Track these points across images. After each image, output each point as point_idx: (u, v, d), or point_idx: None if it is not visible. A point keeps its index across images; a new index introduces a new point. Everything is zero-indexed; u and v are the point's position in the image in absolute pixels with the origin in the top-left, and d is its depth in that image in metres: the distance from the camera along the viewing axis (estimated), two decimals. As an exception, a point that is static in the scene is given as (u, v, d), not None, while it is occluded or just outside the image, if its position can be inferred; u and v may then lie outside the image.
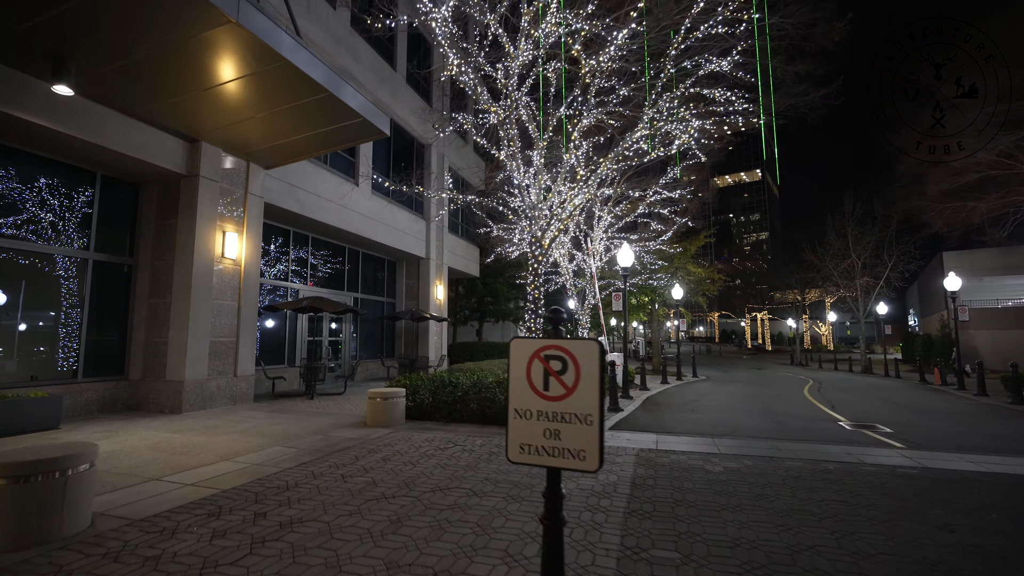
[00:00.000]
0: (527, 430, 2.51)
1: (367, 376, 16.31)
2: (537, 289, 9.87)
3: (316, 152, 10.35)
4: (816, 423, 9.17)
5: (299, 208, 12.10)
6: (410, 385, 8.84)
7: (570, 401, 2.45)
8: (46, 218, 8.28)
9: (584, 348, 2.48)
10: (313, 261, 14.45)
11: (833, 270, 29.84)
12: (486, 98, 9.34)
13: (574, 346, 2.48)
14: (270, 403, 10.30)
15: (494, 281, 26.14)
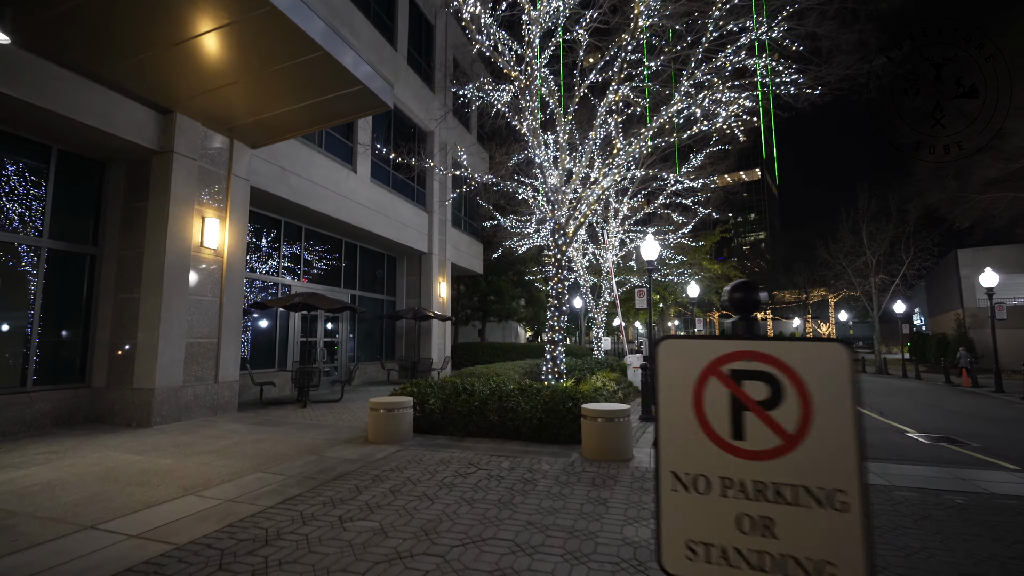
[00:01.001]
0: (701, 513, 1.33)
1: (366, 380, 15.10)
2: (561, 283, 8.70)
3: (308, 128, 9.15)
4: (883, 435, 8.04)
5: (291, 194, 10.88)
6: (418, 393, 7.65)
7: (794, 461, 1.28)
8: (-10, 198, 7.05)
9: (816, 358, 1.30)
10: (307, 255, 13.23)
11: (847, 267, 28.82)
12: (507, 59, 8.14)
13: (796, 354, 1.31)
14: (257, 413, 9.08)
15: (498, 279, 24.94)
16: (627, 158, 8.11)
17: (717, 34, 8.25)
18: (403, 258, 17.49)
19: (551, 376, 8.68)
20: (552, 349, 8.70)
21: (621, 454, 5.94)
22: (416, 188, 16.85)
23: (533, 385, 7.56)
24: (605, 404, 6.40)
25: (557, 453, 6.19)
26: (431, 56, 17.87)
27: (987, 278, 16.25)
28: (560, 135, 8.96)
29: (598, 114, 9.13)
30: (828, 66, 8.65)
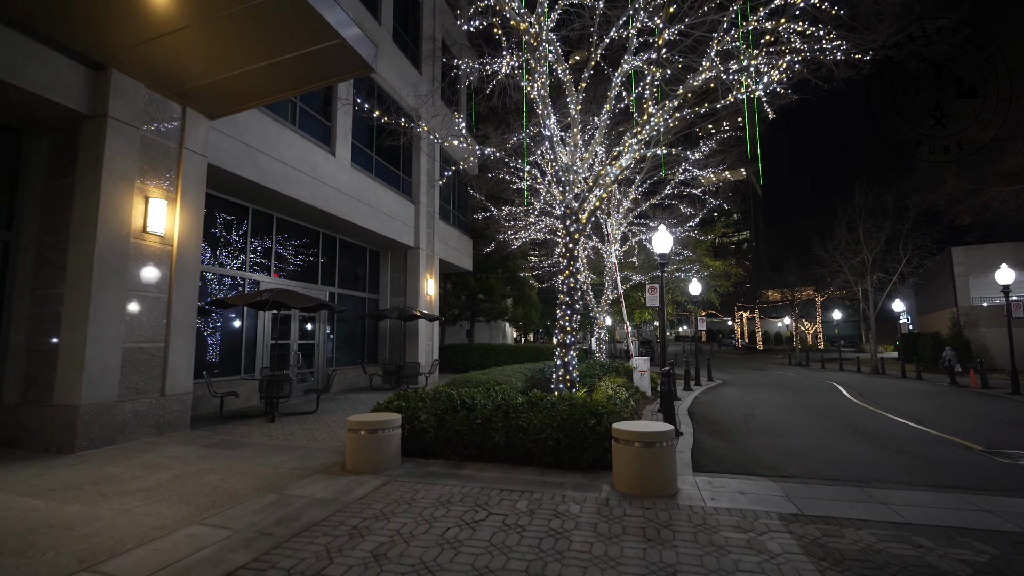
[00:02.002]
0: None
1: (346, 386, 13.71)
2: (573, 277, 7.50)
3: (276, 95, 7.79)
4: (942, 450, 7.02)
5: (258, 176, 9.48)
6: (407, 407, 6.38)
7: None
8: None
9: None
10: (279, 248, 11.80)
11: (843, 265, 28.22)
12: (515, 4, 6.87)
13: None
14: (214, 430, 7.68)
15: (487, 276, 23.68)
16: (654, 127, 6.93)
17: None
18: (387, 253, 16.12)
19: (562, 385, 7.48)
20: (563, 353, 7.51)
21: (665, 487, 4.76)
22: (402, 176, 15.51)
23: (545, 397, 6.34)
24: (641, 424, 5.21)
25: (582, 485, 4.99)
26: (418, 35, 16.53)
27: (1003, 275, 15.58)
28: (572, 106, 7.77)
29: (612, 85, 7.96)
30: (870, 32, 7.61)
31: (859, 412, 11.02)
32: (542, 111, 7.17)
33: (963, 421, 9.78)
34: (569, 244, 7.50)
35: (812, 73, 7.77)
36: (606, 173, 7.28)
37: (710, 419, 9.84)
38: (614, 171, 7.30)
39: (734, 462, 6.20)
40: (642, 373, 12.74)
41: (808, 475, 5.55)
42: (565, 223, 7.51)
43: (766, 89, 7.17)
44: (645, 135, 6.91)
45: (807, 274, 37.71)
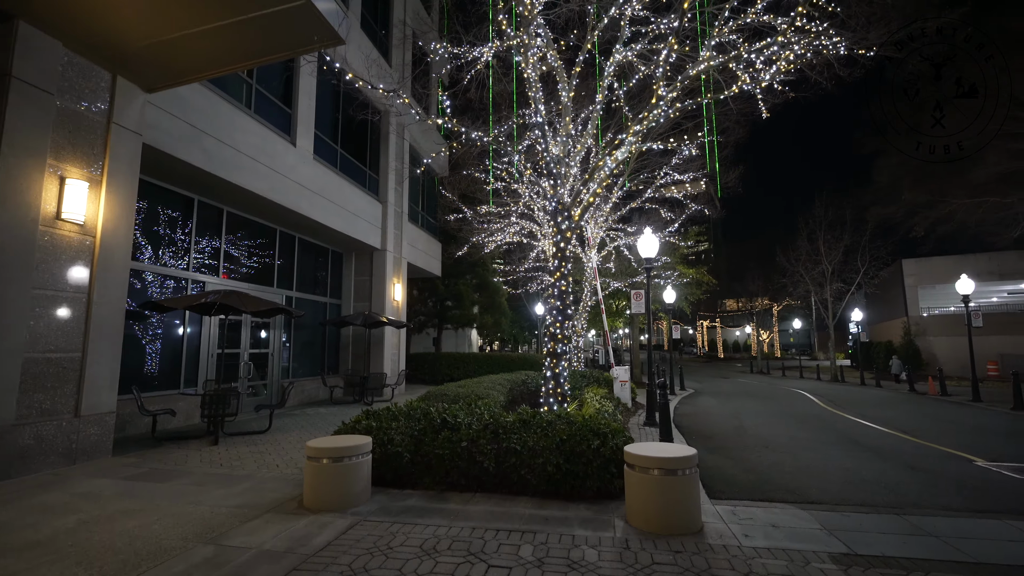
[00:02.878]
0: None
1: (303, 400, 12.49)
2: (564, 279, 6.79)
3: (229, 65, 6.76)
4: (948, 465, 6.69)
5: (206, 163, 8.33)
6: (378, 428, 5.46)
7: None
8: None
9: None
10: (230, 247, 10.57)
11: (805, 275, 28.94)
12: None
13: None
14: (142, 456, 6.49)
15: (456, 282, 22.76)
16: (655, 117, 6.35)
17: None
18: (351, 255, 15.01)
19: (552, 399, 6.73)
20: (554, 364, 6.77)
21: (689, 523, 4.07)
22: (368, 173, 14.49)
23: (538, 415, 5.57)
24: (657, 447, 4.51)
25: (591, 521, 4.24)
26: (388, 25, 15.63)
27: (963, 285, 16.02)
28: (564, 94, 7.11)
29: (605, 74, 7.37)
30: (864, 32, 7.34)
31: (844, 423, 10.80)
32: (534, 95, 6.48)
33: (948, 431, 9.65)
34: (560, 243, 6.80)
35: (811, 69, 7.43)
36: (604, 165, 6.64)
37: (701, 432, 9.32)
38: (610, 163, 6.68)
39: (748, 484, 5.60)
40: (623, 384, 12.18)
41: (834, 500, 5.00)
42: (556, 219, 6.81)
43: (773, 79, 6.74)
44: (652, 119, 6.32)
45: (769, 284, 38.61)
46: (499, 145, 11.73)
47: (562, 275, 6.80)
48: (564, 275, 6.81)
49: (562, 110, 7.14)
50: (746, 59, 6.92)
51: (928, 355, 30.35)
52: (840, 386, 23.33)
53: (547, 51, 7.21)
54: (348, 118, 13.66)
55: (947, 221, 18.08)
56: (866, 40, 7.23)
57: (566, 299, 6.81)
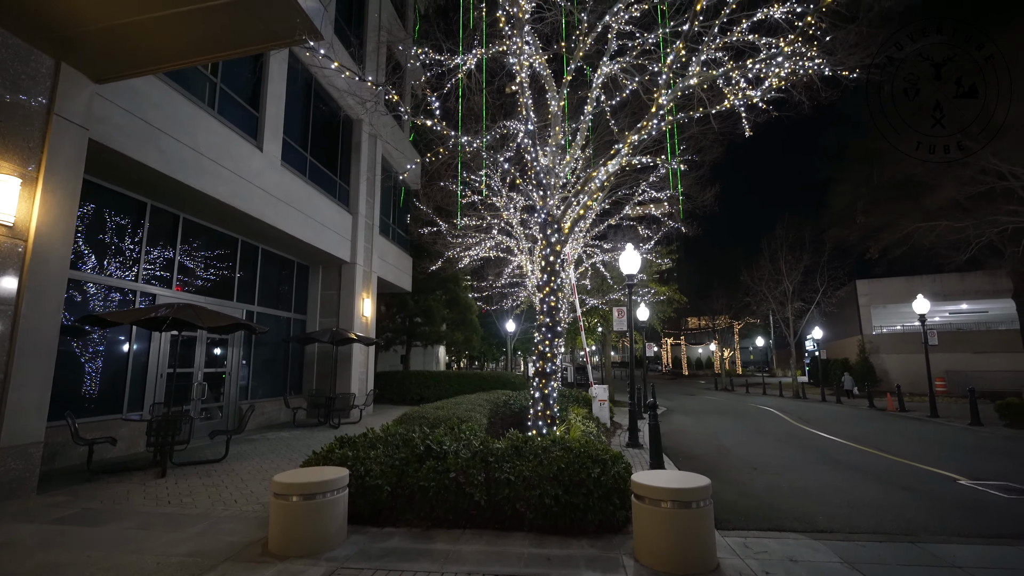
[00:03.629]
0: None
1: (264, 423, 11.58)
2: (554, 294, 6.46)
3: (191, 57, 6.19)
4: (935, 485, 6.65)
5: (163, 164, 7.62)
6: (354, 457, 4.90)
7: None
8: None
9: None
10: (185, 259, 9.74)
11: (768, 294, 29.81)
12: None
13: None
14: (74, 493, 5.65)
15: (427, 298, 22.12)
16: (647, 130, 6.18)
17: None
18: (318, 268, 14.26)
19: (541, 421, 6.33)
20: (542, 384, 6.38)
21: (705, 561, 3.73)
22: (339, 183, 13.89)
23: (530, 440, 5.16)
24: (667, 477, 4.18)
25: (598, 560, 3.84)
26: (362, 32, 15.25)
27: (919, 304, 16.70)
28: (553, 103, 6.89)
29: (593, 86, 7.22)
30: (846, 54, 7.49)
31: (820, 441, 10.83)
32: (524, 101, 6.21)
33: (920, 448, 9.79)
34: (550, 257, 6.49)
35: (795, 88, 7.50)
36: (597, 175, 6.41)
37: (684, 453, 9.09)
38: (601, 176, 6.46)
39: (751, 511, 5.33)
40: (602, 403, 11.89)
41: (844, 527, 4.78)
42: (545, 232, 6.51)
43: (765, 95, 6.71)
44: (649, 128, 6.13)
45: (732, 302, 39.66)
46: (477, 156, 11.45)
47: (551, 290, 6.47)
48: (553, 290, 6.48)
49: (551, 120, 6.91)
50: (738, 75, 6.89)
51: (881, 372, 31.68)
52: (803, 403, 23.88)
53: (536, 59, 6.99)
54: (319, 125, 13.10)
55: (903, 244, 18.96)
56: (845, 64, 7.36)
57: (555, 315, 6.47)
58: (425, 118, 6.61)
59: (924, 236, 17.44)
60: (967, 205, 16.27)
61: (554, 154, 6.82)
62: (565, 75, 6.98)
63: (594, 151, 10.03)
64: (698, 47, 6.79)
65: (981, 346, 30.67)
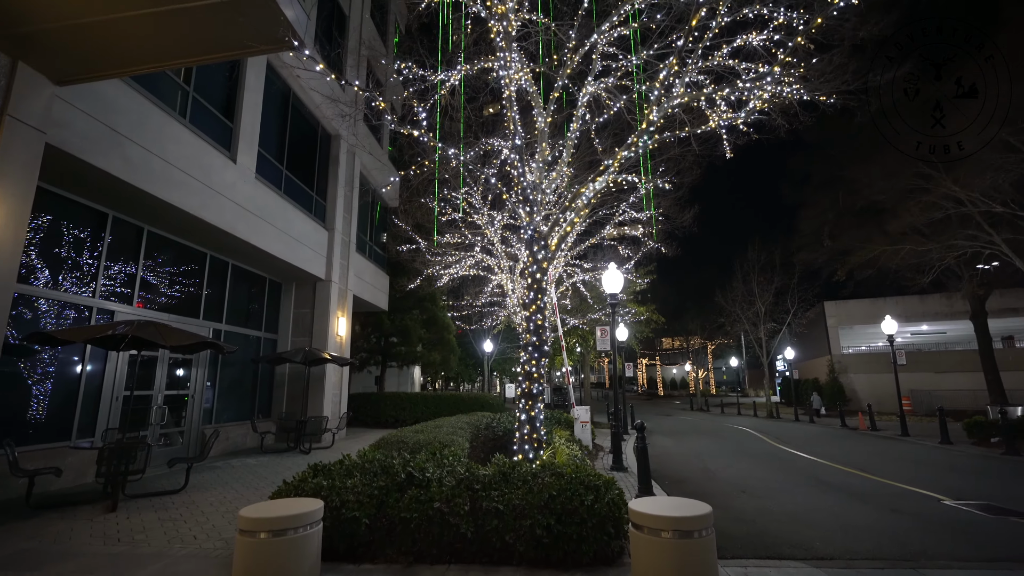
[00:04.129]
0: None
1: (229, 449, 10.90)
2: (540, 312, 6.28)
3: (163, 61, 5.89)
4: (917, 504, 6.64)
5: (128, 173, 7.21)
6: (329, 487, 4.54)
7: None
8: None
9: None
10: (148, 274, 9.21)
11: (742, 314, 30.38)
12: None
13: None
14: (10, 530, 5.06)
15: (403, 317, 21.65)
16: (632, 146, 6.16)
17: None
18: (291, 285, 13.76)
19: (528, 445, 6.06)
20: (528, 406, 6.14)
21: (709, 595, 3.51)
22: (315, 198, 13.54)
23: (519, 466, 4.89)
24: (666, 504, 3.97)
25: (596, 597, 3.57)
26: (343, 48, 15.12)
27: (888, 325, 17.19)
28: (540, 119, 6.83)
29: (578, 105, 7.22)
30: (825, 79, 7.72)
31: (803, 462, 10.83)
32: (511, 115, 6.12)
33: (899, 467, 9.87)
34: (537, 274, 6.33)
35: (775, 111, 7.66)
36: (585, 191, 6.32)
37: (669, 476, 8.91)
38: (589, 192, 6.39)
39: (746, 538, 5.15)
40: (583, 424, 11.66)
41: (841, 553, 4.63)
42: (532, 248, 6.36)
43: (749, 116, 6.81)
44: (640, 144, 6.11)
45: (706, 322, 40.28)
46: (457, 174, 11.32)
47: (538, 308, 6.29)
48: (540, 308, 6.30)
49: (538, 136, 6.84)
50: (721, 97, 6.99)
51: (850, 391, 32.43)
52: (778, 423, 24.11)
53: (523, 73, 6.95)
54: (296, 138, 12.79)
55: (871, 267, 19.60)
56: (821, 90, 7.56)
57: (542, 334, 6.28)
58: (412, 128, 6.44)
59: (890, 259, 18.08)
60: (926, 232, 16.98)
61: (540, 170, 6.73)
62: (553, 91, 6.95)
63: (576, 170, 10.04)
64: (683, 68, 6.86)
65: (942, 366, 31.78)
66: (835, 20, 6.61)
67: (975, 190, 13.72)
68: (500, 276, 13.82)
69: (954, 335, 37.58)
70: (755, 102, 6.59)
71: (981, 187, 13.41)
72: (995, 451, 12.10)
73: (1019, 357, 30.63)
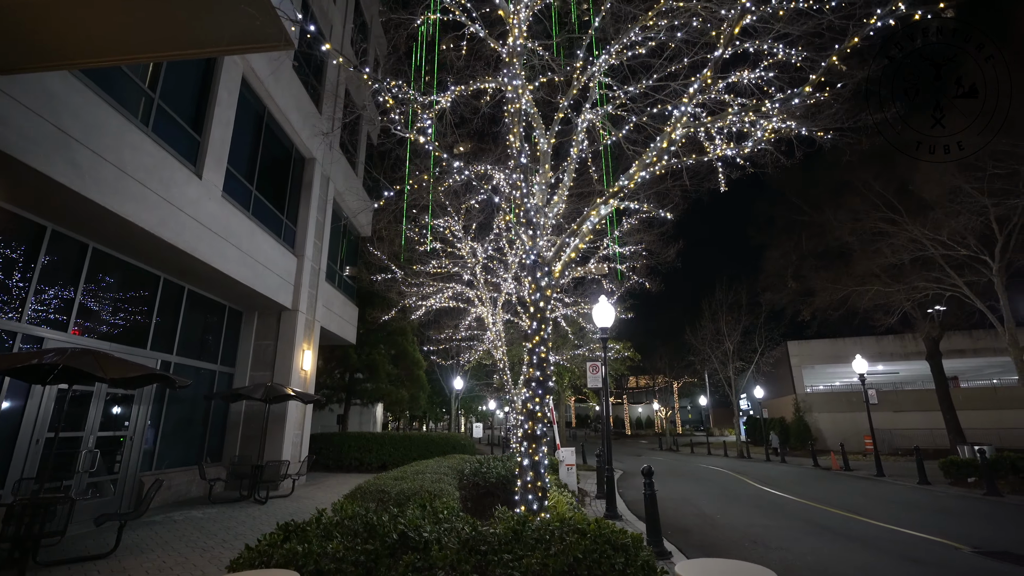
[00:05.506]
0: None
1: (171, 499, 9.52)
2: (544, 344, 5.71)
3: (129, 54, 5.22)
4: (941, 554, 6.25)
5: (76, 181, 6.34)
6: (305, 554, 3.70)
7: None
8: None
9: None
10: (90, 297, 8.13)
11: (711, 353, 30.65)
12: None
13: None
14: None
15: (371, 351, 20.54)
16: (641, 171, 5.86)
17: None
18: (253, 314, 12.67)
19: (531, 495, 5.34)
20: (532, 450, 5.46)
21: None
22: (285, 222, 12.71)
23: (531, 522, 4.19)
24: (716, 566, 3.37)
25: None
26: (321, 72, 14.73)
27: (858, 364, 17.47)
28: (543, 140, 6.48)
29: (578, 130, 6.97)
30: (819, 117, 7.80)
31: (798, 506, 10.42)
32: (517, 130, 5.74)
33: (897, 511, 9.59)
34: (540, 303, 5.79)
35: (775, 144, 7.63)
36: (596, 212, 5.93)
37: (669, 524, 8.27)
38: (594, 218, 6.01)
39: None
40: (569, 468, 10.94)
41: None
42: (535, 274, 5.85)
43: (754, 148, 6.68)
44: (660, 164, 5.81)
45: (674, 361, 40.49)
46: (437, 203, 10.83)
47: (541, 340, 5.72)
48: (544, 339, 5.74)
49: (540, 157, 6.48)
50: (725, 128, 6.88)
51: (815, 430, 32.83)
52: (751, 463, 23.89)
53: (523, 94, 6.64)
54: (269, 159, 12.07)
55: (839, 307, 20.13)
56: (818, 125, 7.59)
57: (546, 368, 5.69)
58: (418, 134, 5.96)
59: (858, 299, 18.60)
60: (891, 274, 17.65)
61: (543, 192, 6.33)
62: (558, 112, 6.65)
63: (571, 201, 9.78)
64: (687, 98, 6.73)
65: (899, 405, 32.75)
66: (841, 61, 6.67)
67: (943, 232, 14.32)
68: (480, 309, 13.22)
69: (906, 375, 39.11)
70: (762, 132, 6.47)
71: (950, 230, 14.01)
72: (975, 491, 12.09)
73: (970, 396, 31.99)
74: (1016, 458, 12.55)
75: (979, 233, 13.94)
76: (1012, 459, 12.54)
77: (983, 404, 31.58)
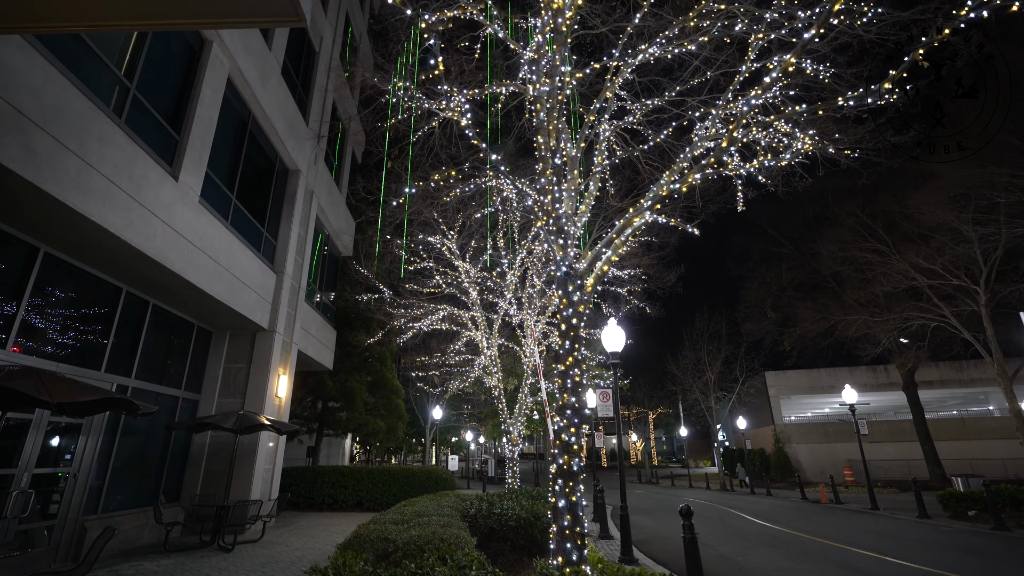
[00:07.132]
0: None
1: (120, 549, 8.16)
2: (577, 366, 5.05)
3: (135, 19, 4.45)
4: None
5: (29, 169, 5.41)
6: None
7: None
8: None
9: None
10: (36, 311, 7.03)
11: (693, 383, 30.45)
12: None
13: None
14: None
15: (347, 379, 19.27)
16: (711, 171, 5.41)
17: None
18: (224, 334, 11.53)
19: (569, 543, 4.55)
20: (568, 488, 4.70)
21: None
22: (265, 235, 11.77)
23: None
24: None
25: None
26: (309, 83, 14.10)
27: (848, 394, 17.37)
28: (570, 145, 5.98)
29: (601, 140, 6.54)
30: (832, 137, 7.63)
31: (812, 544, 9.85)
32: (553, 127, 5.20)
33: (914, 549, 9.13)
34: (573, 319, 5.15)
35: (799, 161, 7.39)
36: (635, 222, 5.40)
37: (692, 570, 7.51)
38: (638, 222, 5.49)
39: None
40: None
41: None
42: (567, 288, 5.22)
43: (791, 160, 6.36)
44: (710, 168, 5.35)
45: (653, 392, 40.19)
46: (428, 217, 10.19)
47: (575, 361, 5.05)
48: (578, 360, 5.07)
49: (568, 163, 5.97)
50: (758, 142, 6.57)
51: (794, 461, 32.70)
52: (737, 496, 23.34)
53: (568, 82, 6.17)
54: (251, 167, 11.23)
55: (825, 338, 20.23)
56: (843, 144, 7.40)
57: (581, 394, 5.01)
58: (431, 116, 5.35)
59: (846, 328, 18.70)
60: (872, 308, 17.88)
61: (572, 199, 5.79)
62: (589, 114, 6.20)
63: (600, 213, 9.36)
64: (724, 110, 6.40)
65: (874, 436, 33.04)
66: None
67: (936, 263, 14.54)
68: (473, 332, 12.46)
69: (877, 406, 39.79)
70: (801, 144, 6.16)
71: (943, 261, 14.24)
72: (981, 526, 11.81)
73: (940, 427, 32.58)
74: (1014, 490, 12.41)
75: (964, 266, 14.24)
76: (1011, 491, 12.39)
77: (952, 435, 32.18)
